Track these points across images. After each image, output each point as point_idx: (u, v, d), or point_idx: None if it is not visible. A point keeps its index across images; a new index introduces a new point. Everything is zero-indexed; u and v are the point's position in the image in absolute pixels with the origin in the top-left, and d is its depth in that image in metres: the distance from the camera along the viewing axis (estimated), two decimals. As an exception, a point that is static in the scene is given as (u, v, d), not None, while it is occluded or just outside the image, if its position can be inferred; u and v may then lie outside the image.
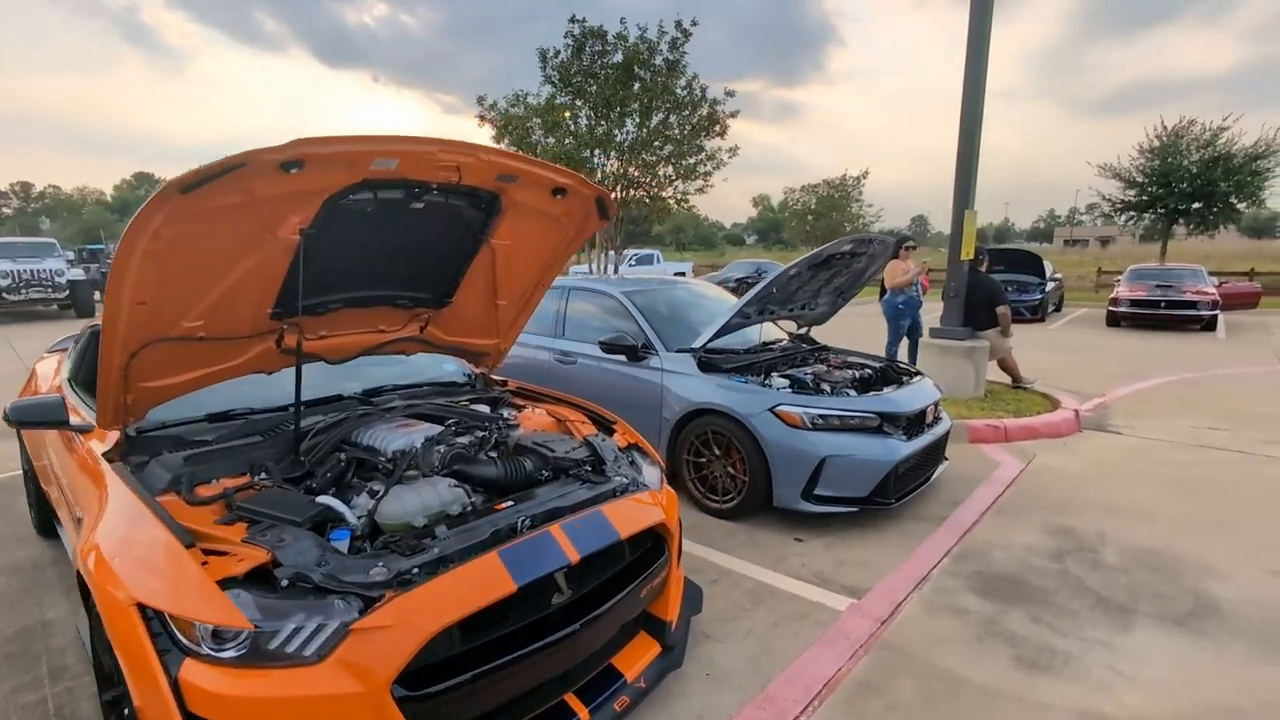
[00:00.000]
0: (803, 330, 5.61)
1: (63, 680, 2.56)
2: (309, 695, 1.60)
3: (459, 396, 3.21)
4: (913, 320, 7.74)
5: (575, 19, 12.99)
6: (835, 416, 3.86)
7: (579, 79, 13.43)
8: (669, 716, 2.35)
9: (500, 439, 2.68)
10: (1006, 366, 7.42)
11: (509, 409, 3.15)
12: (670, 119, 13.71)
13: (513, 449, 2.64)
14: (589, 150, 13.63)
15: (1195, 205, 20.29)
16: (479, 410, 3.00)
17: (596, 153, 13.78)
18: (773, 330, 5.46)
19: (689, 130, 13.86)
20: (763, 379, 4.22)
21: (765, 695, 2.44)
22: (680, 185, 14.69)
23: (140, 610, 1.65)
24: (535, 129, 14.06)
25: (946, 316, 7.14)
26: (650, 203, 14.77)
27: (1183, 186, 20.02)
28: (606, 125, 13.44)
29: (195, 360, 2.36)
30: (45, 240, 18.03)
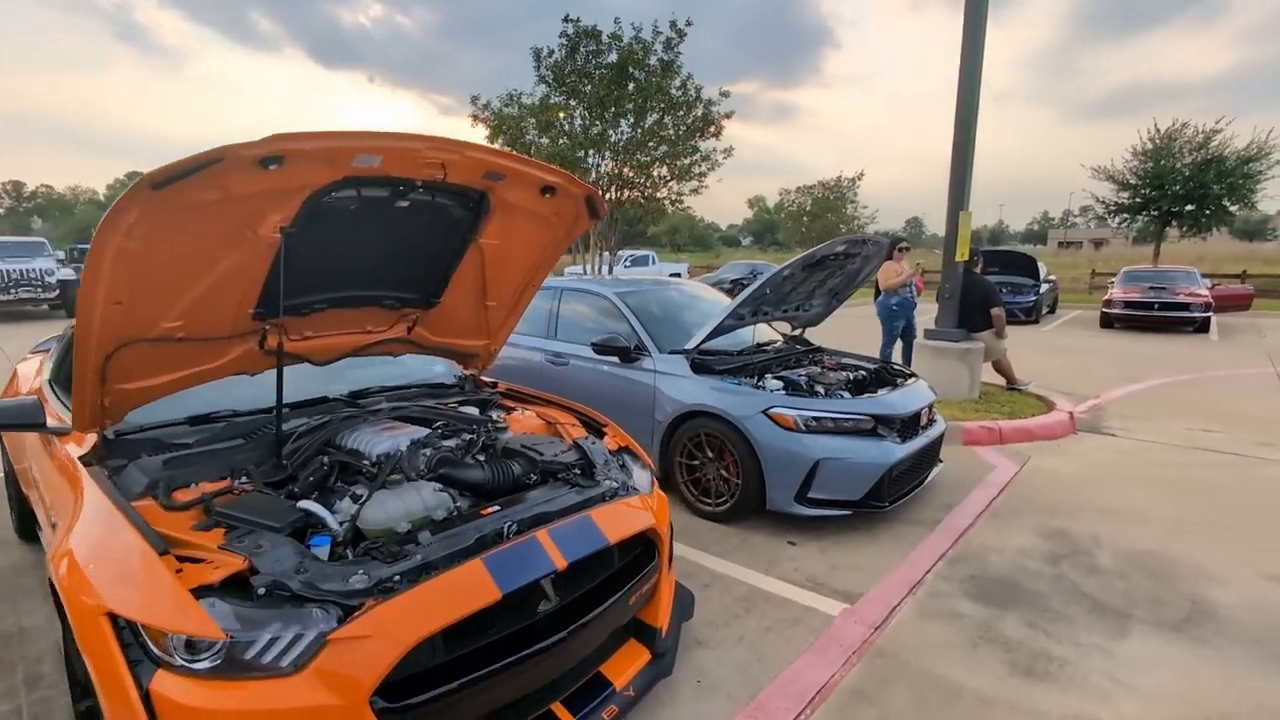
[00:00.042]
0: (797, 332, 5.58)
1: (38, 689, 2.50)
2: (285, 708, 1.54)
3: (447, 398, 3.16)
4: (907, 322, 7.71)
5: (569, 18, 12.94)
6: (829, 419, 3.82)
7: (573, 79, 13.37)
8: (659, 725, 2.31)
9: (488, 442, 2.63)
10: (1001, 368, 7.40)
11: (498, 411, 3.10)
12: (665, 119, 13.67)
13: (501, 452, 2.59)
14: (583, 150, 13.58)
15: (1188, 207, 20.36)
16: (467, 412, 2.96)
17: (591, 153, 13.73)
18: (767, 331, 5.43)
19: (684, 131, 13.82)
20: (756, 381, 4.18)
21: (756, 704, 2.40)
22: (675, 186, 14.66)
23: (111, 619, 1.60)
24: (529, 129, 14.01)
25: (941, 318, 7.11)
26: (645, 203, 14.73)
27: (1176, 189, 20.09)
28: (601, 125, 13.39)
29: (175, 361, 2.30)
30: (35, 240, 17.84)
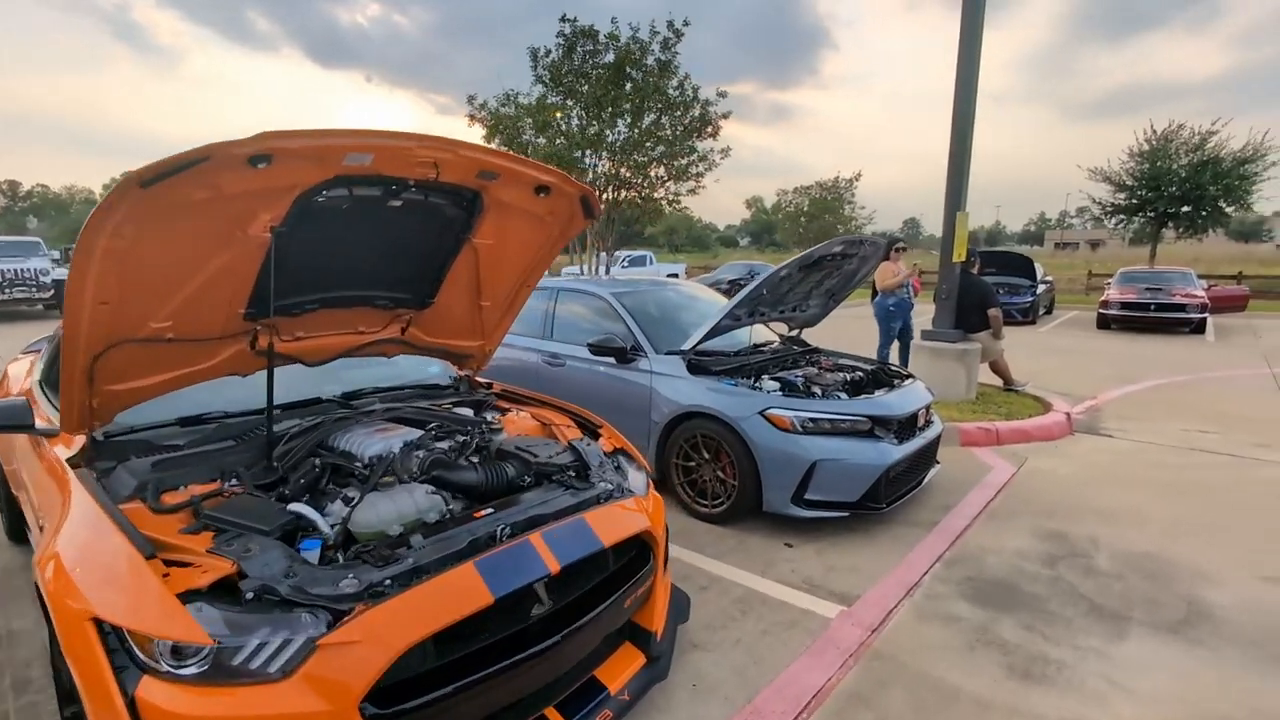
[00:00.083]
0: (794, 332, 5.56)
1: (26, 694, 2.47)
2: (273, 714, 1.52)
3: (441, 399, 3.13)
4: (904, 322, 7.70)
5: (566, 18, 12.92)
6: (826, 420, 3.80)
7: (570, 79, 13.38)
8: (654, 730, 2.29)
9: (482, 444, 2.61)
10: (998, 369, 7.40)
11: (493, 412, 3.08)
12: (662, 119, 13.68)
13: (495, 454, 2.57)
14: (580, 150, 13.57)
15: (1184, 209, 20.42)
16: (461, 414, 2.93)
17: (588, 153, 13.71)
18: (764, 332, 5.41)
19: (681, 131, 13.82)
20: (753, 382, 4.16)
21: (752, 708, 2.38)
22: (672, 186, 14.66)
23: (96, 624, 1.58)
24: (526, 129, 13.99)
25: (938, 319, 7.10)
26: (642, 204, 14.72)
27: (1172, 190, 20.15)
28: (598, 125, 13.40)
29: (165, 362, 2.28)
30: (30, 239, 17.78)
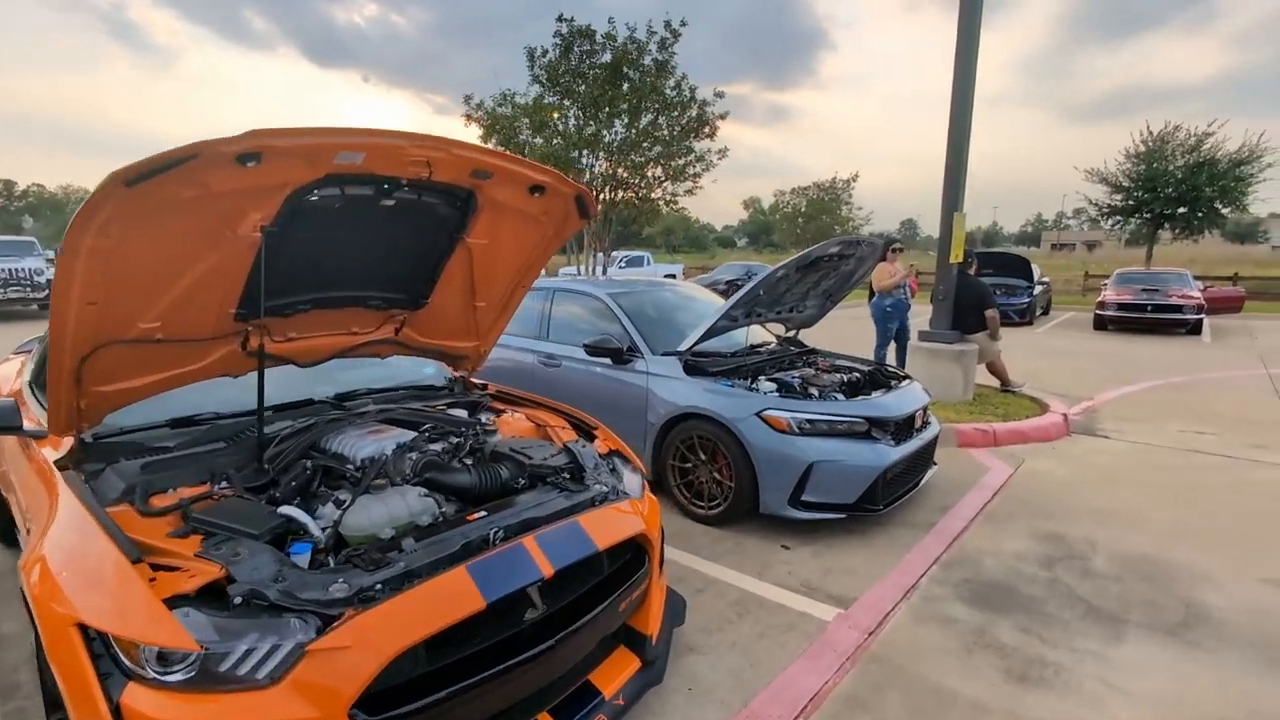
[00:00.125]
0: (791, 333, 5.54)
1: (14, 699, 2.44)
2: (261, 721, 1.50)
3: (436, 401, 3.11)
4: (900, 323, 7.69)
5: (563, 18, 12.90)
6: (823, 421, 3.78)
7: (567, 79, 13.35)
8: (649, 734, 2.27)
9: (476, 445, 2.59)
10: (995, 370, 7.39)
11: (487, 414, 3.05)
12: (659, 120, 13.67)
13: (489, 456, 2.55)
14: (577, 150, 13.55)
15: (1180, 210, 20.43)
16: (456, 415, 2.91)
17: (585, 153, 13.69)
18: (760, 333, 5.39)
19: (678, 131, 13.81)
20: (750, 383, 4.14)
21: (749, 711, 2.36)
22: (669, 186, 14.64)
23: (81, 630, 1.55)
24: (523, 129, 13.96)
25: (935, 320, 7.10)
26: (639, 204, 14.70)
27: (1168, 191, 20.17)
28: (595, 125, 13.37)
29: (154, 363, 2.25)
30: (24, 239, 17.70)
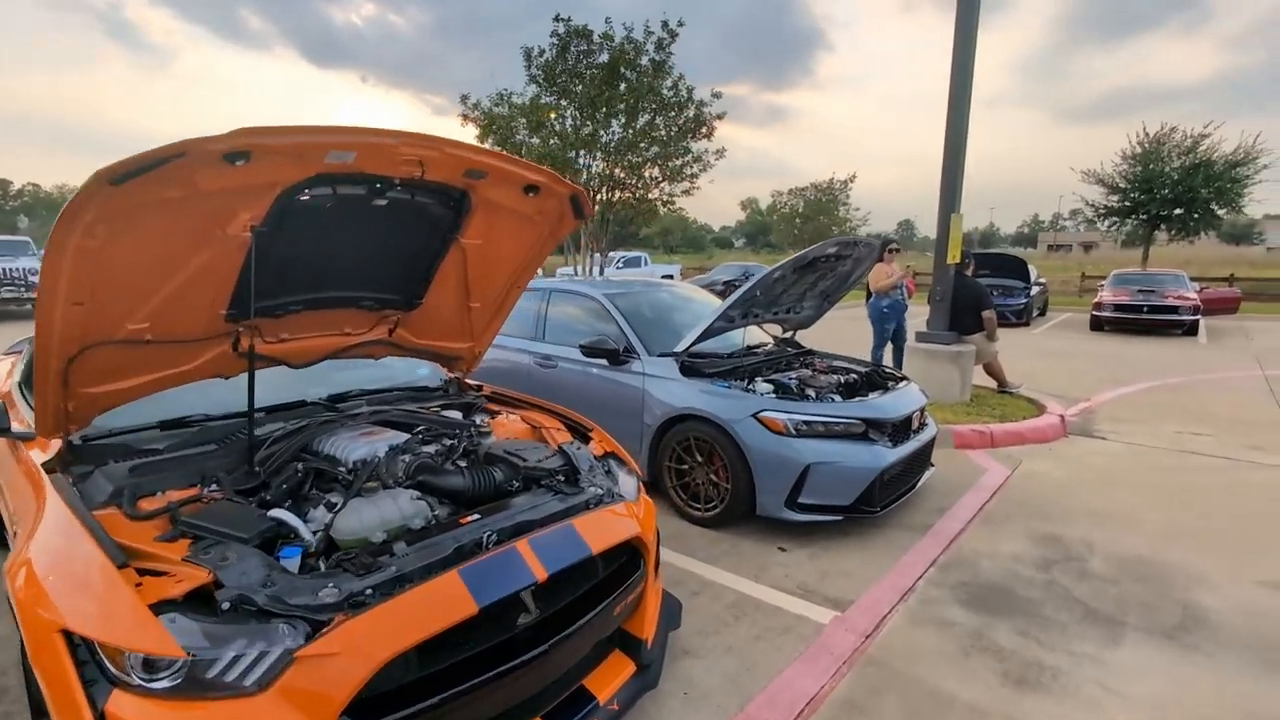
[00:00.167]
0: (788, 334, 5.53)
1: (1, 703, 2.40)
2: (249, 729, 1.47)
3: (430, 402, 3.08)
4: (897, 324, 7.69)
5: (560, 18, 12.87)
6: (820, 423, 3.77)
7: (564, 79, 13.33)
8: (644, 739, 2.25)
9: (470, 447, 2.56)
10: (992, 371, 7.39)
11: (482, 415, 3.03)
12: (656, 120, 13.64)
13: (483, 458, 2.52)
14: (574, 151, 13.52)
15: (1176, 211, 20.49)
16: (450, 417, 2.88)
17: (582, 153, 13.66)
18: (757, 334, 5.38)
19: (675, 132, 13.79)
20: (746, 384, 4.13)
21: (745, 716, 2.34)
22: (666, 187, 14.62)
23: (66, 636, 1.53)
24: (520, 129, 13.93)
25: (932, 320, 7.09)
26: (636, 204, 14.68)
27: (1164, 193, 20.22)
28: (592, 126, 13.35)
29: (144, 364, 2.23)
30: (19, 239, 17.64)
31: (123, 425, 2.38)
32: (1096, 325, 14.49)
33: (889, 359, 7.69)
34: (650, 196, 14.71)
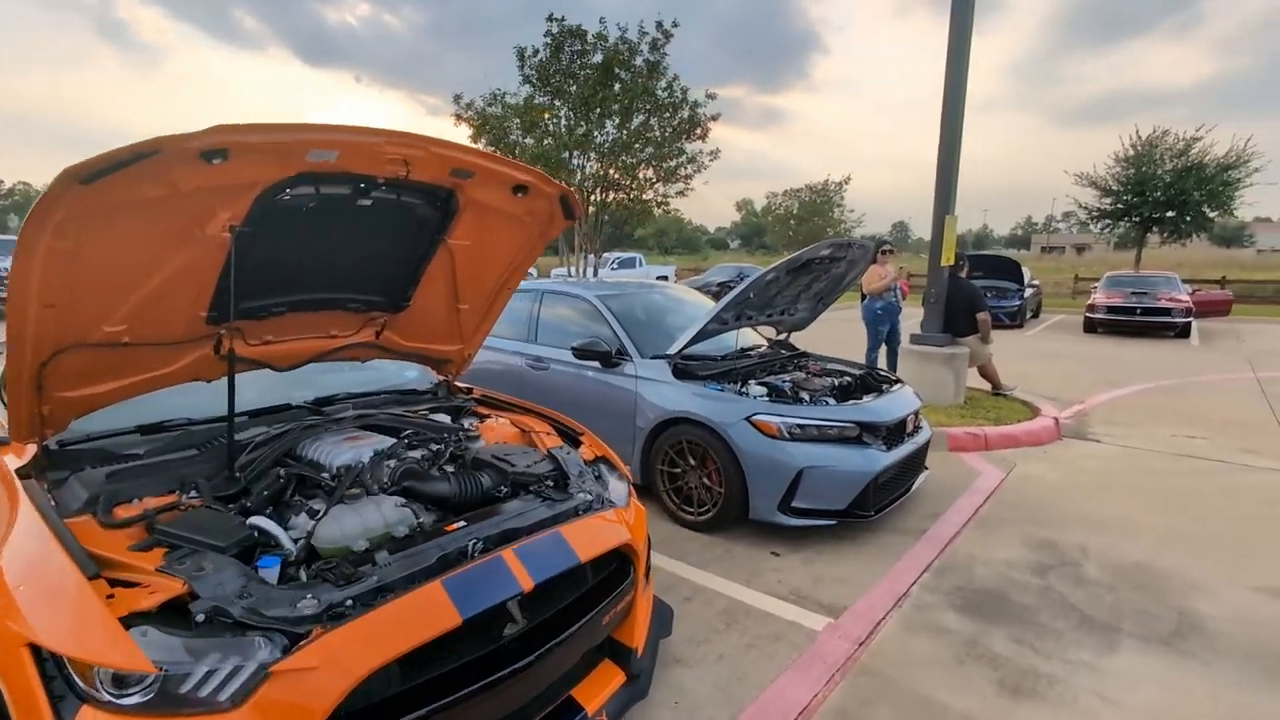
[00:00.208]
0: (782, 336, 5.50)
1: (-26, 715, 2.34)
2: (223, 746, 1.42)
3: (418, 405, 3.03)
4: (891, 326, 7.66)
5: (553, 18, 12.82)
6: (813, 426, 3.73)
7: (558, 79, 13.26)
8: (634, 751, 2.20)
9: (458, 452, 2.52)
10: (986, 373, 7.37)
11: (471, 419, 2.98)
12: (651, 121, 13.59)
13: (471, 463, 2.48)
14: (568, 151, 13.46)
15: (1169, 214, 20.57)
16: (438, 421, 2.83)
17: (576, 154, 13.61)
18: (751, 336, 5.34)
19: (670, 132, 13.75)
20: (740, 387, 4.09)
21: (736, 726, 2.30)
22: (661, 188, 14.57)
23: (34, 650, 1.47)
24: (513, 129, 13.87)
25: (927, 323, 7.07)
26: (631, 205, 14.63)
27: (1157, 195, 20.31)
28: (586, 126, 13.29)
29: (122, 367, 2.17)
30: (8, 238, 17.50)
31: (101, 430, 2.32)
32: (1090, 327, 14.53)
33: (883, 361, 7.67)
34: (645, 197, 14.66)
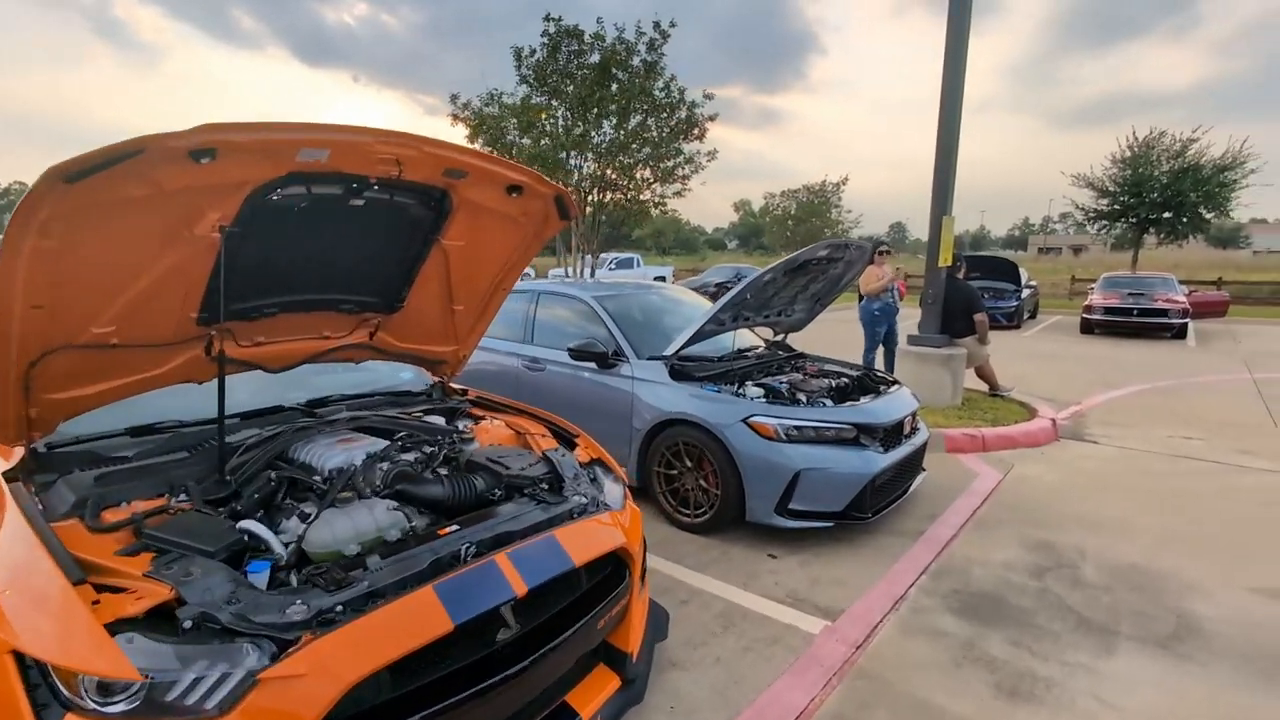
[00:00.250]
0: (779, 337, 5.48)
1: (-38, 721, 2.32)
2: (210, 754, 1.40)
3: (413, 407, 3.01)
4: (889, 327, 7.66)
5: (550, 17, 12.79)
6: (810, 428, 3.72)
7: (555, 79, 13.23)
8: (629, 756, 2.18)
9: (451, 455, 2.50)
10: (984, 374, 7.36)
11: (465, 421, 2.96)
12: (648, 121, 13.56)
13: (464, 466, 2.45)
14: (565, 151, 13.43)
15: (1165, 215, 20.60)
16: (432, 422, 2.81)
17: (573, 154, 13.58)
18: (748, 337, 5.33)
19: (667, 133, 13.72)
20: (737, 388, 4.07)
21: (732, 731, 2.29)
22: (658, 188, 14.55)
23: (17, 657, 1.45)
24: (510, 129, 13.83)
25: (924, 324, 7.06)
26: (628, 205, 14.61)
27: (1153, 196, 20.34)
28: (583, 126, 13.26)
29: (111, 369, 2.14)
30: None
31: (90, 432, 2.29)
32: (1087, 328, 14.54)
33: (880, 362, 7.66)
34: (642, 198, 14.64)
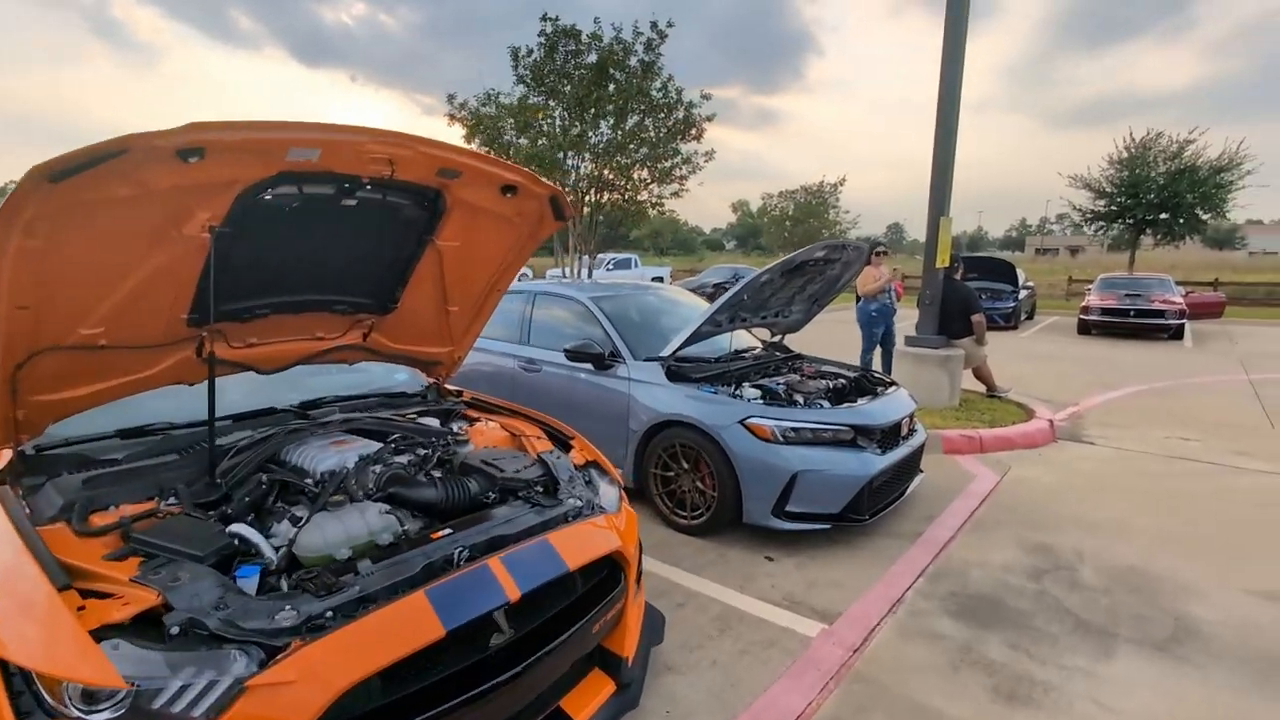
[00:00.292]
0: (776, 338, 5.46)
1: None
2: (196, 763, 1.38)
3: (407, 409, 2.98)
4: (886, 328, 7.65)
5: (547, 17, 12.77)
6: (808, 429, 3.70)
7: (552, 79, 13.21)
8: (624, 761, 2.16)
9: (445, 457, 2.47)
10: (981, 375, 7.36)
11: (460, 423, 2.94)
12: (645, 121, 13.55)
13: (458, 468, 2.43)
14: (562, 152, 13.41)
15: (1162, 216, 20.62)
16: (426, 424, 2.79)
17: (570, 154, 13.56)
18: (746, 338, 5.31)
19: (664, 133, 13.71)
20: (734, 389, 4.05)
21: (728, 736, 2.27)
22: (655, 189, 14.53)
23: (0, 664, 1.42)
24: (507, 129, 13.80)
25: (922, 324, 7.05)
26: (625, 206, 14.59)
27: (1150, 197, 20.35)
28: (580, 126, 13.24)
29: (100, 371, 2.12)
30: None
31: (79, 434, 2.27)
32: (1084, 329, 14.55)
33: (878, 363, 7.65)
34: (639, 198, 14.63)
